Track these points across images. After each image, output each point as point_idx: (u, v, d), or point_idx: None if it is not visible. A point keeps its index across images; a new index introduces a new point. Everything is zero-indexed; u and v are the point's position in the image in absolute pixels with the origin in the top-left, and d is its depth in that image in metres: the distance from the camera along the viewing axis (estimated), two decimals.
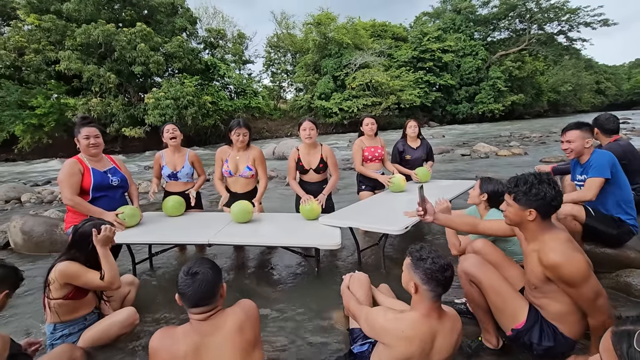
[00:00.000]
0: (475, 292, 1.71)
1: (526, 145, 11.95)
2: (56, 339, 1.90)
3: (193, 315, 1.32)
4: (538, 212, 1.49)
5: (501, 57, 35.51)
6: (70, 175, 2.47)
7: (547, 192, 1.46)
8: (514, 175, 1.68)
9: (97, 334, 1.92)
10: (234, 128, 2.97)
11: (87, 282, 1.87)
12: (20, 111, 18.23)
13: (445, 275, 1.37)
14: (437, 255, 1.40)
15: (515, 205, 1.54)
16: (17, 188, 7.01)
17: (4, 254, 3.59)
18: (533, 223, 1.52)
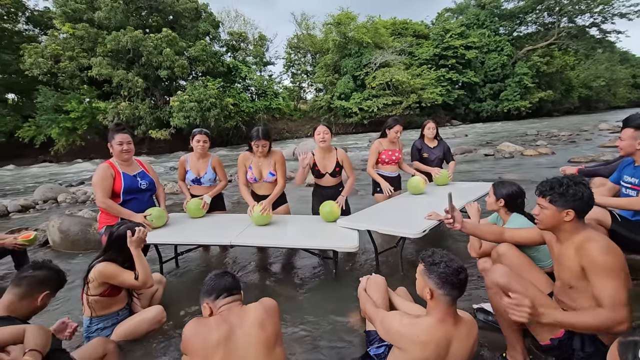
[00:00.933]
0: None
1: (554, 144, 11.49)
2: (92, 332, 2.05)
3: (223, 307, 1.43)
4: (576, 212, 1.51)
5: (528, 53, 34.20)
6: (102, 179, 2.64)
7: (584, 191, 1.50)
8: (545, 179, 1.67)
9: (129, 329, 2.06)
10: (253, 139, 3.00)
11: (123, 282, 2.01)
12: (56, 115, 19.34)
13: (460, 278, 1.39)
14: (450, 259, 1.43)
15: (552, 207, 1.55)
16: (54, 189, 7.46)
17: (44, 252, 3.86)
18: (569, 224, 1.54)
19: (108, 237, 2.10)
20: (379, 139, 3.73)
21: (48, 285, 1.65)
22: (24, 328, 1.41)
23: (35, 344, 1.35)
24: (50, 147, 20.11)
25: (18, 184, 11.47)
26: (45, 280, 1.65)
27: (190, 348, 1.37)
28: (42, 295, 1.62)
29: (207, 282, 1.50)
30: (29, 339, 1.37)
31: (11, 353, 1.33)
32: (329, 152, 3.26)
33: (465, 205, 2.17)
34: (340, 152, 3.27)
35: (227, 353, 1.33)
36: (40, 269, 1.67)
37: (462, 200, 3.16)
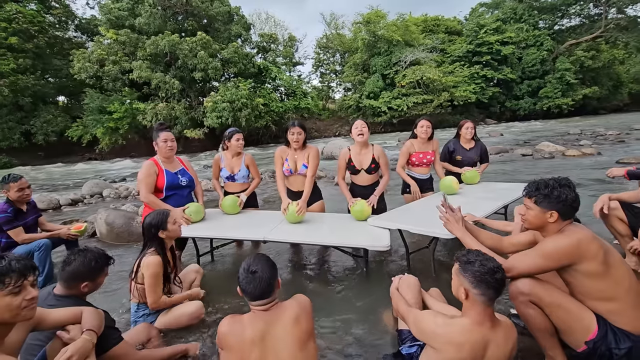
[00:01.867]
0: (538, 315, 1.59)
1: (600, 144, 10.75)
2: (139, 317, 2.21)
3: (257, 307, 1.46)
4: (559, 213, 1.56)
5: (571, 47, 32.15)
6: (147, 176, 2.83)
7: (568, 194, 1.55)
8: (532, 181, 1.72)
9: (170, 320, 2.20)
10: (289, 128, 3.10)
11: (151, 285, 2.10)
12: (101, 116, 20.70)
13: (496, 278, 1.37)
14: (486, 258, 1.42)
15: (537, 207, 1.61)
16: (99, 184, 8.00)
17: (92, 242, 4.16)
18: (553, 224, 1.59)
19: (142, 225, 2.24)
20: (410, 139, 3.63)
21: (84, 276, 1.67)
22: (82, 310, 1.55)
23: (91, 324, 1.48)
24: (95, 146, 21.59)
25: (67, 180, 12.39)
26: (78, 273, 1.67)
27: (226, 345, 1.43)
28: (83, 285, 1.68)
29: (240, 280, 1.46)
30: (86, 319, 1.50)
31: (70, 332, 1.46)
32: (366, 147, 3.23)
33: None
34: (377, 148, 3.23)
35: (263, 350, 1.38)
36: (71, 263, 1.67)
37: (498, 202, 3.06)
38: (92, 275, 1.70)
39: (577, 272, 1.51)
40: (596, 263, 1.46)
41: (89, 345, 1.40)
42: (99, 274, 1.74)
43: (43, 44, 22.04)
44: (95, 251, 1.75)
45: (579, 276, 1.51)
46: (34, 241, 2.99)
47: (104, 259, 1.77)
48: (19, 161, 20.52)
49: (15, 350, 1.30)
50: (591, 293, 1.51)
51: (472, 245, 1.81)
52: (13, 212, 2.96)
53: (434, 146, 3.65)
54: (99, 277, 1.75)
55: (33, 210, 3.22)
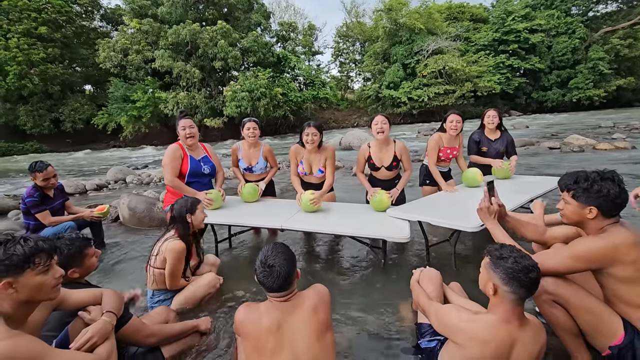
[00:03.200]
0: (562, 314, 1.52)
1: (635, 137, 10.15)
2: (154, 302, 2.24)
3: (275, 298, 1.43)
4: (599, 209, 1.43)
5: (606, 35, 30.28)
6: (172, 160, 2.85)
7: (610, 188, 1.41)
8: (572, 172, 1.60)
9: (187, 296, 2.22)
10: (304, 128, 3.00)
11: (173, 270, 2.12)
12: (125, 104, 21.23)
13: (530, 277, 1.28)
14: (521, 255, 1.32)
15: (575, 202, 1.50)
16: (123, 171, 8.24)
17: (115, 226, 4.29)
18: (593, 221, 1.46)
19: (170, 210, 2.26)
20: (438, 133, 3.42)
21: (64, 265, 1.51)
22: (102, 292, 1.57)
23: (111, 306, 1.50)
24: (119, 134, 22.24)
25: (93, 166, 12.84)
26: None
27: (243, 332, 1.42)
28: (70, 272, 1.64)
29: (258, 272, 1.43)
30: (106, 301, 1.53)
31: (92, 313, 1.49)
32: (387, 144, 3.07)
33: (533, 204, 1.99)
34: (400, 145, 3.07)
35: (279, 338, 1.36)
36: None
37: (526, 195, 2.93)
38: (74, 261, 1.67)
39: (610, 276, 1.40)
40: (633, 269, 1.35)
41: (109, 327, 1.42)
42: (80, 257, 1.70)
43: (70, 33, 22.71)
44: (67, 238, 1.70)
45: (612, 280, 1.40)
46: (60, 223, 3.09)
47: (80, 242, 1.71)
48: (48, 147, 21.43)
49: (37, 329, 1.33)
50: (624, 298, 1.40)
51: (501, 239, 1.72)
52: (39, 197, 3.08)
53: (460, 140, 3.49)
54: (83, 260, 1.72)
55: (60, 194, 3.34)
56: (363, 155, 3.15)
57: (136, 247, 3.57)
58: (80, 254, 1.71)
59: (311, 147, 3.01)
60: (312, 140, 2.96)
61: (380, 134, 2.97)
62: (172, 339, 1.79)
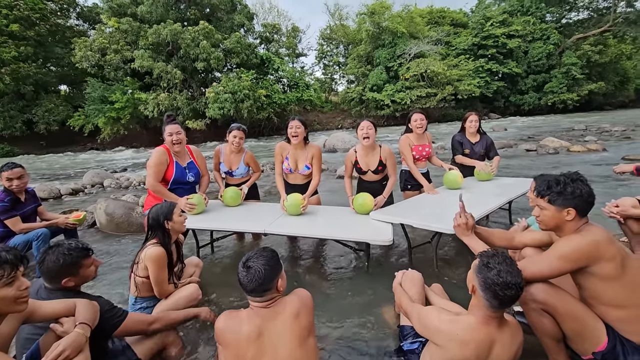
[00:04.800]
0: (548, 322, 1.53)
1: (605, 140, 10.62)
2: (136, 309, 2.17)
3: (256, 303, 1.41)
4: (576, 210, 1.48)
5: (578, 41, 31.63)
6: (158, 164, 2.77)
7: (582, 188, 1.47)
8: (541, 177, 1.65)
9: (167, 307, 2.15)
10: (289, 122, 3.04)
11: (157, 278, 2.05)
12: (102, 105, 20.61)
13: (506, 293, 1.30)
14: (508, 270, 1.32)
15: (551, 207, 1.52)
16: (100, 174, 7.98)
17: (91, 232, 4.14)
18: (571, 223, 1.51)
19: (147, 216, 2.20)
20: (405, 134, 3.50)
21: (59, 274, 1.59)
22: (75, 302, 1.51)
23: (84, 317, 1.44)
24: (97, 136, 21.54)
25: (69, 169, 12.38)
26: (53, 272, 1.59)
27: (223, 341, 1.39)
28: (64, 281, 1.60)
29: (238, 272, 1.41)
30: (80, 312, 1.47)
31: (64, 325, 1.43)
32: (373, 149, 3.10)
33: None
34: (385, 150, 3.10)
35: (260, 346, 1.34)
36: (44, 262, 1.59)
37: (503, 198, 3.01)
38: (69, 271, 1.61)
39: (591, 275, 1.44)
40: (613, 265, 1.39)
41: (82, 339, 1.36)
42: (76, 268, 1.63)
43: (45, 31, 21.86)
44: (66, 246, 1.63)
45: (594, 279, 1.44)
46: (32, 230, 2.96)
47: (78, 252, 1.64)
48: (21, 150, 20.54)
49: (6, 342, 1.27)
50: (603, 298, 1.44)
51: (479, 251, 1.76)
52: (10, 202, 2.93)
53: (428, 138, 3.58)
54: (79, 270, 1.65)
55: (32, 199, 3.19)
56: (350, 160, 3.17)
57: (114, 253, 3.46)
58: (77, 264, 1.64)
59: (296, 141, 3.03)
60: (297, 133, 2.99)
61: (366, 140, 2.98)
62: (176, 325, 1.90)
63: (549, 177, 1.57)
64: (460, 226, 1.90)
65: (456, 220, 1.92)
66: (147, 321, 1.73)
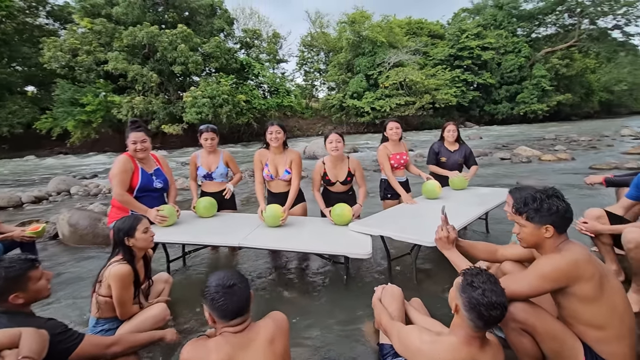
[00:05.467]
0: (528, 342, 1.50)
1: (574, 149, 11.11)
2: (96, 332, 1.98)
3: (229, 328, 1.30)
4: (554, 227, 1.45)
5: (547, 55, 33.37)
6: (122, 172, 2.60)
7: (558, 205, 1.45)
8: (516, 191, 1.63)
9: (131, 329, 1.98)
10: (267, 127, 3.00)
11: (122, 299, 1.90)
12: (72, 108, 19.70)
13: (491, 314, 1.24)
14: (493, 290, 1.26)
15: (529, 224, 1.50)
16: (67, 181, 7.54)
17: (53, 244, 3.85)
18: (550, 240, 1.48)
19: (112, 231, 2.04)
20: (383, 144, 3.55)
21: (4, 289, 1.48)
22: (20, 332, 1.34)
23: (29, 349, 1.28)
24: (66, 139, 20.52)
25: (34, 175, 11.69)
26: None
27: None
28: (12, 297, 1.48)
29: (215, 298, 1.28)
30: (24, 344, 1.30)
31: (5, 358, 1.26)
32: (341, 161, 3.13)
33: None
34: (353, 162, 3.14)
35: None
36: None
37: (481, 208, 3.02)
38: (16, 286, 1.49)
39: (571, 295, 1.41)
40: (591, 286, 1.37)
41: None
42: (23, 281, 1.52)
43: (11, 30, 20.78)
44: (7, 259, 1.54)
45: (573, 299, 1.41)
46: None
47: (21, 264, 1.53)
48: None
49: None
50: (582, 318, 1.42)
51: (461, 267, 1.71)
52: None
53: (404, 147, 3.64)
54: (27, 285, 1.53)
55: None
56: (319, 173, 3.15)
57: (76, 268, 3.22)
58: (23, 277, 1.52)
59: (276, 145, 2.98)
60: (277, 138, 2.96)
61: (334, 151, 3.01)
62: (138, 348, 1.74)
63: (526, 192, 1.55)
64: (442, 239, 1.85)
65: (437, 234, 1.88)
66: (106, 344, 1.59)
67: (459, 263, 1.76)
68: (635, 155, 8.94)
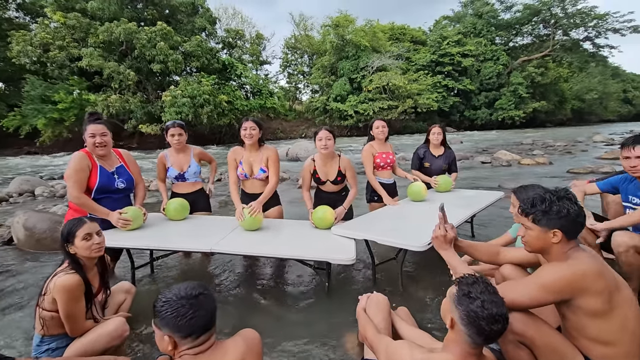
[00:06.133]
0: (525, 355, 1.38)
1: (550, 154, 11.40)
2: (41, 352, 1.72)
3: (191, 350, 1.10)
4: (563, 232, 1.31)
5: (523, 63, 34.56)
6: (77, 171, 2.34)
7: (569, 207, 1.30)
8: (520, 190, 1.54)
9: (83, 347, 1.72)
10: (242, 123, 2.82)
11: (71, 313, 1.67)
12: (43, 105, 18.71)
13: (492, 328, 1.10)
14: (492, 301, 1.12)
15: (536, 227, 1.36)
16: (31, 181, 7.05)
17: (6, 250, 3.50)
18: (557, 246, 1.33)
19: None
20: (368, 143, 3.45)
21: None
22: None
23: None
24: (36, 138, 19.47)
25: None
26: None
27: None
28: None
29: (178, 314, 1.07)
30: None
31: None
32: (331, 158, 2.97)
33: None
34: (344, 160, 2.97)
35: None
36: None
37: (467, 210, 2.92)
38: None
39: (576, 308, 1.28)
40: (600, 300, 1.23)
41: None
42: None
43: None
44: None
45: (579, 312, 1.28)
46: None
47: None
48: None
49: None
50: (588, 332, 1.29)
51: (458, 269, 1.57)
52: None
53: (391, 147, 3.54)
54: None
55: None
56: (308, 171, 2.99)
57: (31, 276, 2.90)
58: None
59: (250, 142, 2.79)
60: (251, 135, 2.77)
61: (324, 149, 2.84)
62: None
63: (533, 192, 1.43)
64: (439, 238, 1.70)
65: (435, 232, 1.73)
66: None
67: (455, 265, 1.62)
68: (609, 160, 9.22)
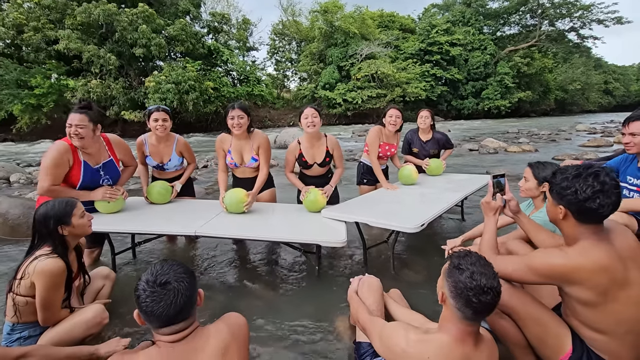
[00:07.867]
0: (510, 327, 1.37)
1: (535, 142, 11.58)
2: (12, 341, 1.62)
3: (162, 337, 1.02)
4: (570, 211, 1.21)
5: (510, 53, 34.79)
6: (55, 166, 2.14)
7: (579, 188, 1.16)
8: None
9: (58, 335, 1.63)
10: (229, 111, 2.58)
11: (48, 301, 1.56)
12: (19, 90, 17.88)
13: (480, 299, 1.05)
14: (482, 272, 1.07)
15: (549, 197, 1.31)
16: (6, 167, 6.72)
17: None
18: (565, 224, 1.25)
19: (34, 216, 1.66)
20: (379, 126, 3.25)
21: None
22: None
23: None
24: (12, 125, 18.64)
25: None
26: None
27: None
28: None
29: (142, 299, 0.99)
30: None
31: None
32: (318, 139, 2.83)
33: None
34: (331, 140, 2.86)
35: None
36: None
37: (459, 193, 2.89)
38: None
39: (568, 296, 1.24)
40: (592, 293, 1.17)
41: None
42: None
43: None
44: None
45: (572, 299, 1.24)
46: None
47: None
48: None
49: None
50: (581, 318, 1.24)
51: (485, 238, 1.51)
52: None
53: (397, 139, 3.39)
54: None
55: None
56: (293, 154, 2.85)
57: (3, 263, 2.75)
58: None
59: (239, 132, 2.58)
60: (239, 124, 2.55)
61: (310, 127, 2.69)
62: None
63: (552, 167, 1.43)
64: (489, 204, 1.58)
65: (486, 197, 1.61)
66: (12, 356, 1.27)
67: (485, 235, 1.53)
68: (592, 147, 9.43)
